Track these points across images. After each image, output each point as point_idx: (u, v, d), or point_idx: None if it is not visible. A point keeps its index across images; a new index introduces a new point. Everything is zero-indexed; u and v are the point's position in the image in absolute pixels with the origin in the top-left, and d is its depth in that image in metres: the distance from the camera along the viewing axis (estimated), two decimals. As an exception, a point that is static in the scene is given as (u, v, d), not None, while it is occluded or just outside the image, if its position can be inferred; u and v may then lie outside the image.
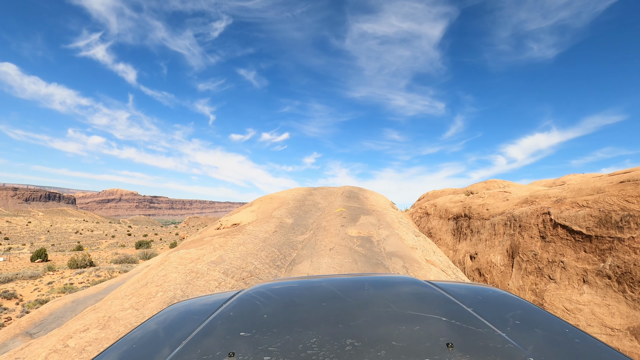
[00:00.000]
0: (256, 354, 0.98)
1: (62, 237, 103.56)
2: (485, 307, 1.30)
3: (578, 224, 8.30)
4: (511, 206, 12.85)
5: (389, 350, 0.96)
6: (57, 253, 31.47)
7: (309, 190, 18.84)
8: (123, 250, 31.13)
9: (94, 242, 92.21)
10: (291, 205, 14.48)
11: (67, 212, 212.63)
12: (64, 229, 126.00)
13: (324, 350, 0.97)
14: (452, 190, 51.71)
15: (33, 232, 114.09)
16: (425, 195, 60.26)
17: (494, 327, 1.11)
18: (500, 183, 39.16)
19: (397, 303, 1.32)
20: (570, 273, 8.00)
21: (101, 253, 29.74)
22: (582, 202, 8.65)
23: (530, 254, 9.77)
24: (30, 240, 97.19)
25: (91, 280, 16.45)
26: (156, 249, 30.70)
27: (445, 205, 21.75)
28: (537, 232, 9.95)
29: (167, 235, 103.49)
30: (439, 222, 21.32)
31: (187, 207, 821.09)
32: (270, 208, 13.65)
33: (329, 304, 1.35)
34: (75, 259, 20.70)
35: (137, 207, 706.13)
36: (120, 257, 24.23)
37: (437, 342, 1.00)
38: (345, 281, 1.74)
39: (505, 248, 11.50)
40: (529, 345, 0.99)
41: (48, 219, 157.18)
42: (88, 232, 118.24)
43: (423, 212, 27.14)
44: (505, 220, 12.43)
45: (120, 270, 18.41)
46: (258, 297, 1.46)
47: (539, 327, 1.15)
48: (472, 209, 16.60)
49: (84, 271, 18.61)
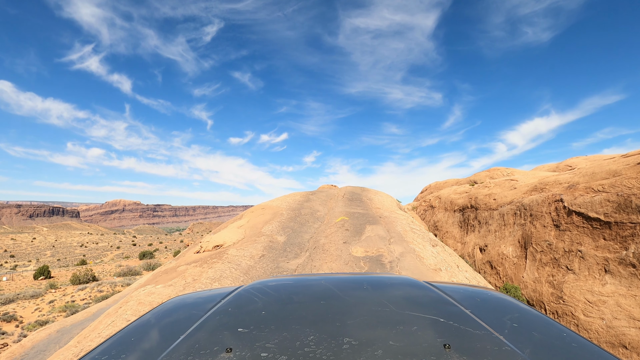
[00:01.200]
0: (253, 350, 0.98)
1: (68, 252, 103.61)
2: (483, 309, 1.30)
3: (595, 210, 7.85)
4: (520, 195, 12.41)
5: (386, 350, 0.96)
6: (61, 269, 31.17)
7: (306, 195, 17.20)
8: (127, 262, 30.81)
9: (99, 254, 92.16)
10: (285, 216, 12.73)
11: (71, 225, 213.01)
12: (68, 243, 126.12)
13: (321, 348, 0.97)
14: (455, 181, 51.25)
15: (38, 248, 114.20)
16: (428, 187, 59.76)
17: (492, 329, 1.10)
18: (503, 171, 38.71)
19: (395, 303, 1.32)
20: (590, 263, 7.57)
21: (105, 266, 29.42)
22: (597, 186, 8.20)
23: (544, 244, 9.34)
24: (35, 256, 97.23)
25: (93, 296, 16.11)
26: (160, 259, 30.35)
27: (449, 197, 21.29)
28: (550, 220, 9.51)
29: (172, 243, 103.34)
30: (445, 215, 20.87)
31: (191, 214, 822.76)
32: (260, 222, 11.82)
33: (327, 302, 1.35)
34: (77, 274, 20.37)
35: (141, 216, 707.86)
36: (124, 270, 23.89)
37: (434, 343, 0.99)
38: (343, 280, 1.74)
39: (516, 239, 11.07)
40: (526, 348, 0.99)
41: (52, 233, 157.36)
42: (93, 245, 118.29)
43: (427, 205, 26.70)
44: (514, 209, 11.99)
45: (123, 283, 18.06)
46: (256, 294, 1.47)
47: (536, 330, 1.14)
48: (479, 199, 16.14)
49: (87, 287, 18.27)
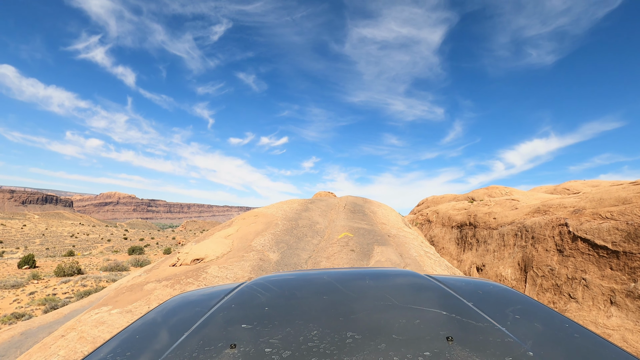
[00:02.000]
0: (257, 345, 0.98)
1: (57, 241, 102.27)
2: (485, 301, 1.30)
3: (602, 238, 7.56)
4: (521, 215, 12.12)
5: (389, 343, 0.96)
6: (47, 258, 30.51)
7: (304, 204, 15.55)
8: (115, 256, 30.20)
9: (89, 246, 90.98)
10: (280, 227, 11.03)
11: (63, 215, 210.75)
12: (59, 233, 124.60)
13: (324, 342, 0.98)
14: (453, 197, 51.03)
15: (28, 236, 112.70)
16: (425, 200, 59.49)
17: (494, 321, 1.10)
18: (502, 189, 38.51)
19: (398, 296, 1.33)
20: (595, 292, 7.25)
21: (92, 259, 28.80)
22: (605, 213, 7.92)
23: (546, 268, 9.02)
24: (24, 244, 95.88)
25: (76, 290, 15.58)
26: (149, 255, 29.75)
27: (448, 213, 21.01)
28: (553, 245, 9.21)
29: (164, 240, 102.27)
30: (442, 230, 20.56)
31: (185, 211, 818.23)
32: (251, 232, 10.20)
33: (330, 296, 1.35)
34: (62, 266, 19.82)
35: (135, 210, 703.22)
36: (111, 264, 23.33)
37: (437, 336, 1.00)
38: (346, 274, 1.74)
39: (516, 261, 10.75)
40: (529, 340, 0.99)
41: (43, 222, 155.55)
42: (84, 236, 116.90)
43: (424, 219, 26.40)
44: (515, 230, 11.69)
45: (109, 279, 17.54)
46: (260, 290, 1.47)
47: (538, 321, 1.14)
48: (478, 217, 15.86)
49: (70, 280, 17.73)
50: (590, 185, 40.27)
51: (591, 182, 41.17)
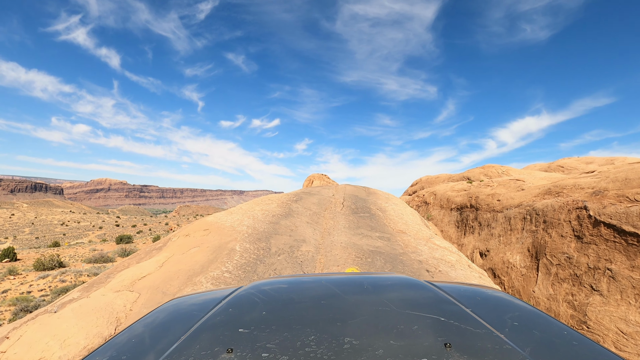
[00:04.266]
0: (254, 350, 0.97)
1: (47, 230, 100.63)
2: (484, 308, 1.29)
3: (632, 224, 6.70)
4: (530, 197, 11.28)
5: (387, 349, 0.95)
6: (31, 250, 29.34)
7: (286, 203, 11.22)
8: (102, 246, 29.13)
9: (79, 234, 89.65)
10: (236, 258, 6.34)
11: (53, 203, 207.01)
12: (49, 221, 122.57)
13: (322, 348, 0.97)
14: (448, 176, 50.40)
15: (16, 225, 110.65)
16: (419, 180, 58.97)
17: (492, 328, 1.10)
18: (498, 168, 37.84)
19: (396, 302, 1.31)
20: (623, 285, 6.45)
21: (78, 249, 27.71)
22: (633, 195, 7.05)
23: (562, 256, 8.23)
24: (13, 233, 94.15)
25: (54, 286, 14.58)
26: (138, 244, 28.73)
27: (446, 194, 20.20)
28: (569, 230, 8.38)
29: (156, 226, 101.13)
30: (440, 212, 19.81)
31: (178, 196, 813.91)
32: (181, 272, 5.77)
33: (328, 302, 1.34)
34: (41, 260, 18.74)
35: (127, 196, 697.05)
36: (96, 256, 22.30)
37: (435, 342, 0.99)
38: (344, 280, 1.70)
39: (525, 246, 9.97)
40: (527, 347, 0.98)
41: (33, 210, 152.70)
42: (74, 224, 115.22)
43: (421, 200, 25.66)
44: (523, 213, 10.87)
45: (90, 272, 16.55)
46: (257, 294, 1.46)
47: (537, 329, 1.13)
48: (480, 199, 15.04)
49: (50, 274, 16.70)
50: (584, 162, 39.92)
51: (585, 159, 40.83)
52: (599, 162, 37.95)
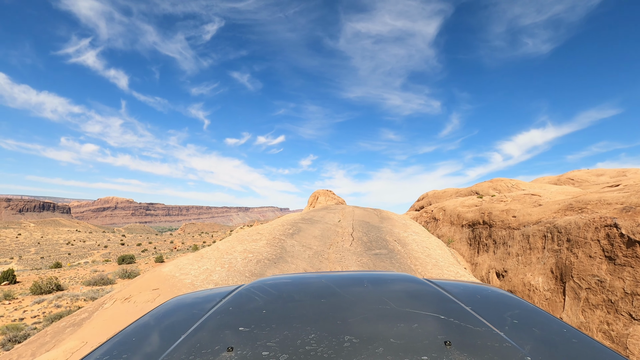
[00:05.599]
0: (255, 348, 0.96)
1: (53, 249, 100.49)
2: (484, 306, 1.28)
3: (674, 244, 6.00)
4: (549, 214, 10.57)
5: (387, 347, 0.94)
6: (32, 272, 28.85)
7: (280, 235, 8.94)
8: (104, 267, 28.54)
9: (85, 253, 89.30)
10: None
11: (59, 222, 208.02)
12: (55, 240, 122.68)
13: (322, 346, 0.96)
14: (455, 191, 49.48)
15: (23, 245, 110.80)
16: (426, 195, 57.94)
17: (492, 326, 1.09)
18: (507, 182, 36.93)
19: (396, 300, 1.30)
20: (670, 314, 5.70)
21: (79, 270, 27.14)
22: (671, 212, 6.37)
23: (592, 279, 7.48)
24: (19, 253, 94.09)
25: (48, 312, 13.96)
26: (140, 264, 28.09)
27: (456, 210, 19.45)
28: (598, 250, 7.66)
29: (162, 244, 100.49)
30: (450, 229, 19.01)
31: (184, 213, 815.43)
32: None
33: (328, 300, 1.33)
34: (38, 283, 18.19)
35: (134, 214, 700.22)
36: (96, 277, 21.70)
37: (435, 340, 0.98)
38: (344, 278, 1.69)
39: (548, 267, 9.21)
40: (527, 345, 0.97)
41: (39, 230, 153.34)
42: (80, 243, 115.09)
43: (429, 216, 24.88)
44: (543, 231, 10.14)
45: (87, 297, 15.94)
46: (257, 293, 1.45)
47: (537, 326, 1.12)
48: (493, 215, 14.31)
49: (46, 299, 16.10)
50: (595, 174, 38.90)
51: (595, 171, 39.79)
52: (610, 174, 36.91)
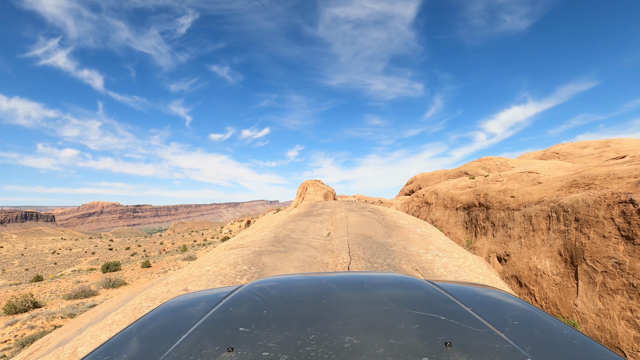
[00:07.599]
0: (255, 349, 0.97)
1: (38, 260, 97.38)
2: (484, 307, 1.27)
3: None
4: (551, 192, 9.96)
5: (388, 348, 0.94)
6: (10, 287, 27.33)
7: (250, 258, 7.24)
8: (88, 276, 27.24)
9: (72, 261, 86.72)
10: None
11: (43, 231, 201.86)
12: (39, 251, 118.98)
13: (322, 346, 0.96)
14: (444, 172, 48.97)
15: (5, 258, 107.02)
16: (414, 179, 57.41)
17: (493, 327, 1.09)
18: (495, 160, 36.52)
19: (397, 301, 1.30)
20: None
21: (61, 283, 25.78)
22: (698, 183, 5.72)
23: (608, 262, 6.87)
24: (1, 267, 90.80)
25: (20, 334, 12.85)
26: (126, 271, 26.90)
27: (449, 193, 18.86)
28: (613, 229, 7.04)
29: (151, 246, 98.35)
30: (444, 213, 18.44)
31: (173, 213, 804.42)
32: None
33: (328, 301, 1.33)
34: (12, 302, 16.92)
35: (121, 217, 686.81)
36: (77, 290, 20.48)
37: (435, 341, 0.98)
38: (344, 279, 1.70)
39: (555, 249, 8.60)
40: (528, 346, 0.97)
41: (22, 241, 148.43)
42: (66, 251, 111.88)
43: (421, 200, 24.31)
44: (547, 211, 9.52)
45: (65, 314, 14.82)
46: (258, 293, 1.45)
47: (537, 328, 1.12)
48: (490, 196, 13.72)
49: (19, 319, 14.92)
50: (579, 146, 39.00)
51: (579, 144, 39.91)
52: (594, 146, 37.05)
